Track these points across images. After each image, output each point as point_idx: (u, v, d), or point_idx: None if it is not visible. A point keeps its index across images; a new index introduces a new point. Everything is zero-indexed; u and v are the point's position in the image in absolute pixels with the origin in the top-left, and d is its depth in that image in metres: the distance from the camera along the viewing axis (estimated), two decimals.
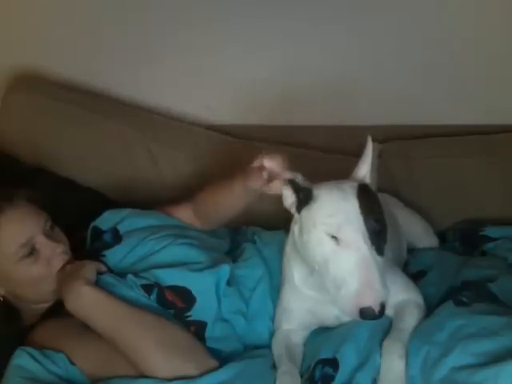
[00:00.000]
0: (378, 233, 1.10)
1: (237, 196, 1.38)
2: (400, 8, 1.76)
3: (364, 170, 1.20)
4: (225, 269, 1.37)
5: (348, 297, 1.06)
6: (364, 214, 1.09)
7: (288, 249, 1.30)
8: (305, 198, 1.15)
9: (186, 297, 1.33)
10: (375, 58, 1.83)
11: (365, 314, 1.04)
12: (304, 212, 1.16)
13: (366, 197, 1.12)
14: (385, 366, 1.11)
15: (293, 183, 1.18)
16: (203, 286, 1.34)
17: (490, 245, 1.58)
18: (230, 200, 1.41)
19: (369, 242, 1.07)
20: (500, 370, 0.99)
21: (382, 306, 1.04)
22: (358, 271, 1.05)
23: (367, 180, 1.19)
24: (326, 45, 1.82)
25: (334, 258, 1.08)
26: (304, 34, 1.80)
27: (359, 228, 1.08)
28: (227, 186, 1.39)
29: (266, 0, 1.78)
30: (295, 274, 1.27)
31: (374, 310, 1.04)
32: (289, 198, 1.19)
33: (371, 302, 1.04)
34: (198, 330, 1.31)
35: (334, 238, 1.09)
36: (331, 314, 1.25)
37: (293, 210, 1.19)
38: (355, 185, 1.14)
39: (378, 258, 1.08)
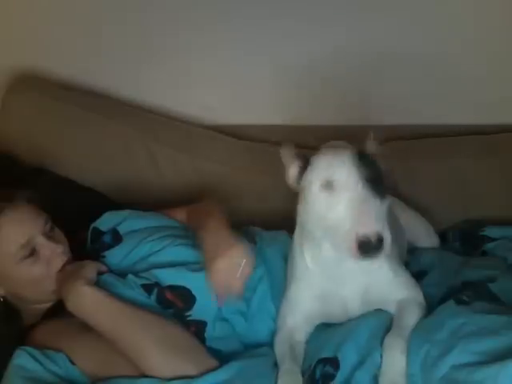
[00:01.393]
0: (374, 180, 1.12)
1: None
2: (400, 8, 1.76)
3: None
4: None
5: (345, 234, 1.07)
6: (358, 163, 1.12)
7: (296, 236, 1.31)
8: (304, 166, 1.20)
9: (186, 296, 1.33)
10: (375, 58, 1.83)
11: (363, 245, 1.05)
12: (303, 178, 1.19)
13: (363, 156, 1.16)
14: (386, 361, 1.11)
15: (293, 152, 1.22)
16: (203, 285, 1.34)
17: (490, 245, 1.58)
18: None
19: (361, 184, 1.10)
20: (500, 368, 0.99)
21: (379, 238, 1.05)
22: (352, 208, 1.08)
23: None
24: (326, 45, 1.82)
25: (330, 206, 1.11)
26: (304, 34, 1.80)
27: (352, 172, 1.11)
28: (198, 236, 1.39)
29: (267, 1, 1.78)
30: (306, 255, 1.27)
31: (370, 240, 1.05)
32: (291, 174, 1.22)
33: (366, 229, 1.05)
34: (197, 330, 1.31)
35: (329, 187, 1.12)
36: (339, 302, 1.26)
37: (295, 184, 1.22)
38: (351, 146, 1.19)
39: (375, 200, 1.10)
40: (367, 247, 1.05)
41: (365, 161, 1.14)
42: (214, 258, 1.26)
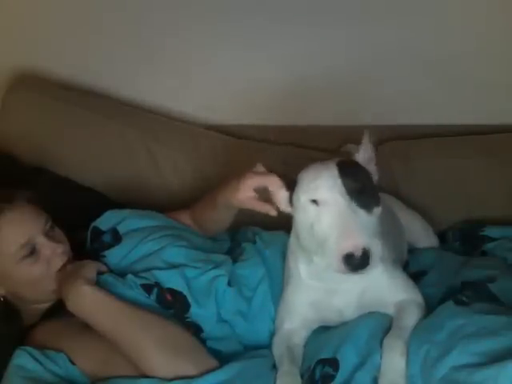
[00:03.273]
0: (360, 191, 1.11)
1: (221, 212, 1.41)
2: (399, 9, 1.76)
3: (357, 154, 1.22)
4: (223, 276, 1.38)
5: (331, 251, 1.07)
6: (342, 176, 1.12)
7: (292, 243, 1.31)
8: (293, 187, 1.19)
9: (182, 302, 1.34)
10: (375, 58, 1.83)
11: (348, 260, 1.05)
12: (293, 197, 1.19)
13: (348, 165, 1.16)
14: (386, 363, 1.11)
15: (284, 180, 1.21)
16: (200, 291, 1.35)
17: (490, 245, 1.58)
18: (216, 215, 1.44)
19: (347, 197, 1.10)
20: (500, 369, 0.99)
21: (365, 252, 1.05)
22: (336, 223, 1.08)
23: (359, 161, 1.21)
24: (325, 46, 1.82)
25: (316, 220, 1.11)
26: (304, 34, 1.80)
27: (335, 186, 1.11)
28: (212, 202, 1.40)
29: (267, 2, 1.78)
30: (300, 266, 1.27)
31: (354, 255, 1.04)
32: (283, 199, 1.21)
33: (351, 247, 1.05)
34: (195, 332, 1.31)
35: (315, 202, 1.12)
36: (334, 307, 1.25)
37: (288, 207, 1.21)
38: (338, 159, 1.18)
39: (361, 212, 1.10)
40: (352, 262, 1.05)
41: (352, 172, 1.14)
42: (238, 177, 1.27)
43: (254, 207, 1.27)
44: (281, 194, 1.21)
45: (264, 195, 1.25)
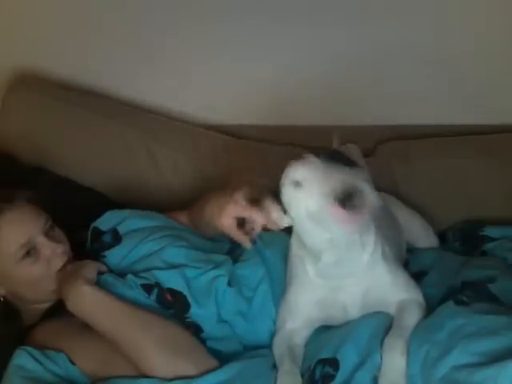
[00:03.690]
0: (338, 160, 1.12)
1: (210, 227, 1.40)
2: (399, 9, 1.76)
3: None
4: (223, 276, 1.37)
5: (325, 206, 1.06)
6: (317, 156, 1.13)
7: (294, 246, 1.30)
8: (279, 199, 1.19)
9: (182, 302, 1.34)
10: (375, 58, 1.83)
11: (340, 199, 1.04)
12: (284, 201, 1.18)
13: (323, 150, 1.17)
14: (386, 362, 1.11)
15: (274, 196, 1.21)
16: (200, 291, 1.35)
17: (490, 245, 1.58)
18: (206, 227, 1.44)
19: (324, 165, 1.10)
20: (500, 369, 0.99)
21: (353, 185, 1.04)
22: (322, 182, 1.08)
23: None
24: (325, 45, 1.82)
25: (309, 200, 1.10)
26: (304, 34, 1.80)
27: (312, 163, 1.12)
28: (200, 218, 1.41)
29: (267, 2, 1.78)
30: (308, 267, 1.26)
31: (344, 189, 1.04)
32: (279, 216, 1.21)
33: (333, 184, 1.05)
34: (195, 332, 1.31)
35: (299, 184, 1.12)
36: (340, 304, 1.25)
37: (287, 219, 1.21)
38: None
39: (344, 168, 1.09)
40: (344, 197, 1.04)
41: (326, 152, 1.15)
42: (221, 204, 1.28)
43: (232, 235, 1.28)
44: (277, 213, 1.21)
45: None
